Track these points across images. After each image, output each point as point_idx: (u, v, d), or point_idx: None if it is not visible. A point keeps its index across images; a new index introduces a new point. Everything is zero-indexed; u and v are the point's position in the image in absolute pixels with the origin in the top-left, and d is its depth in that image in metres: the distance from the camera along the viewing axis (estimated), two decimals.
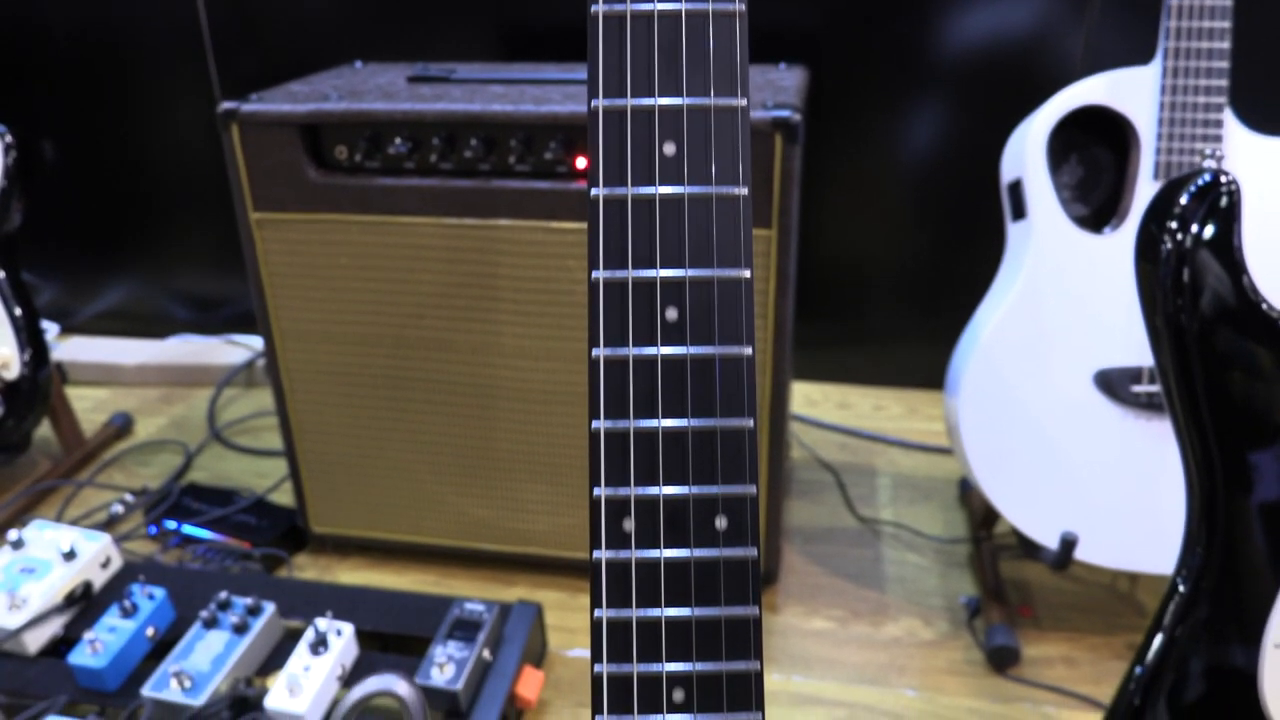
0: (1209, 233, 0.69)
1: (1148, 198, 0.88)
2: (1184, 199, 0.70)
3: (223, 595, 1.12)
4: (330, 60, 1.44)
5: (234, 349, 1.92)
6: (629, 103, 0.39)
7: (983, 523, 1.35)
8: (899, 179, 1.63)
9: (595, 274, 0.40)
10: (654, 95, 0.39)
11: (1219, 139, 1.05)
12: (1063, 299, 1.11)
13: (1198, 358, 0.69)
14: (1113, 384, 1.10)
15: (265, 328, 1.23)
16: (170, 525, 1.41)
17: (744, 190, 0.39)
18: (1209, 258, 0.69)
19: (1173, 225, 0.70)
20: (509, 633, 1.13)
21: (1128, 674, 0.75)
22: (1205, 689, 0.73)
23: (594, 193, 0.39)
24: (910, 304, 1.75)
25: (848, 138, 1.60)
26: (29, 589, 1.14)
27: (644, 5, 0.39)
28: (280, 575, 1.34)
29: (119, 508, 1.47)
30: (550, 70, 1.27)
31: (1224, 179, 0.68)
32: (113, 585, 1.20)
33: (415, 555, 1.36)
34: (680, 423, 0.40)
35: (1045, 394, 1.12)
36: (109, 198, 1.92)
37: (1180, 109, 1.06)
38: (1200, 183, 0.70)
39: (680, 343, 0.40)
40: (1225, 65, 1.04)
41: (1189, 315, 0.70)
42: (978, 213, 1.51)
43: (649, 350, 0.40)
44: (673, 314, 0.40)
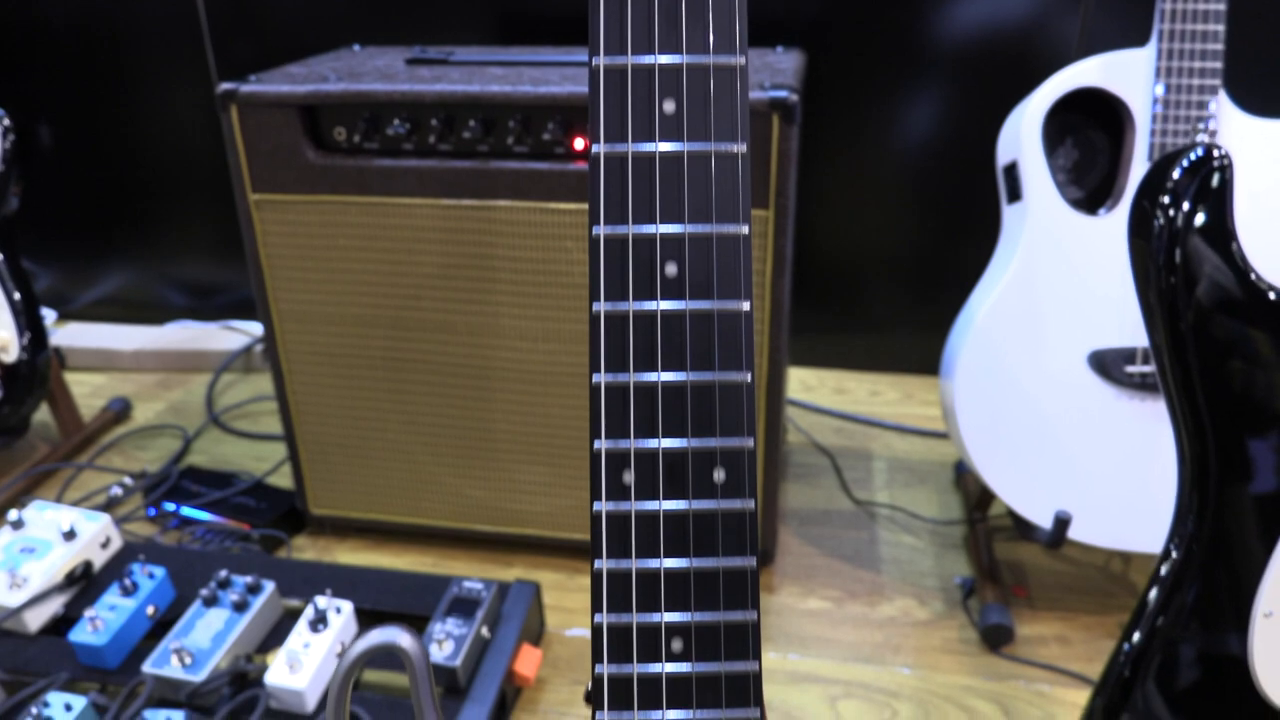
0: (1201, 207, 0.70)
1: None
2: (1176, 174, 0.71)
3: (223, 574, 1.13)
4: (328, 46, 1.44)
5: (231, 335, 1.93)
6: (629, 61, 0.40)
7: (978, 505, 1.36)
8: (895, 165, 1.64)
9: (596, 230, 0.40)
10: (654, 53, 0.39)
11: (1213, 121, 1.06)
12: (1057, 280, 1.12)
13: (1190, 333, 0.70)
14: (1106, 365, 1.11)
15: (264, 309, 1.24)
16: (169, 507, 1.42)
17: (742, 147, 0.40)
18: (1201, 232, 0.69)
19: (1165, 201, 0.71)
20: (507, 611, 1.14)
21: (1118, 645, 0.76)
22: (1195, 659, 0.74)
23: (595, 149, 0.40)
24: (906, 290, 1.76)
25: (844, 123, 1.60)
26: (29, 568, 1.14)
27: None
28: (279, 556, 1.34)
29: (118, 490, 1.48)
30: (548, 53, 1.27)
31: (1216, 153, 0.69)
32: (113, 565, 1.21)
33: (414, 537, 1.37)
34: (679, 376, 0.41)
35: (1039, 375, 1.13)
36: (106, 184, 1.92)
37: (1175, 91, 1.07)
38: (1192, 157, 0.70)
39: (679, 297, 0.40)
40: (1219, 47, 1.05)
41: (1182, 291, 0.70)
42: (974, 199, 1.52)
43: (649, 305, 0.40)
44: (672, 269, 0.40)
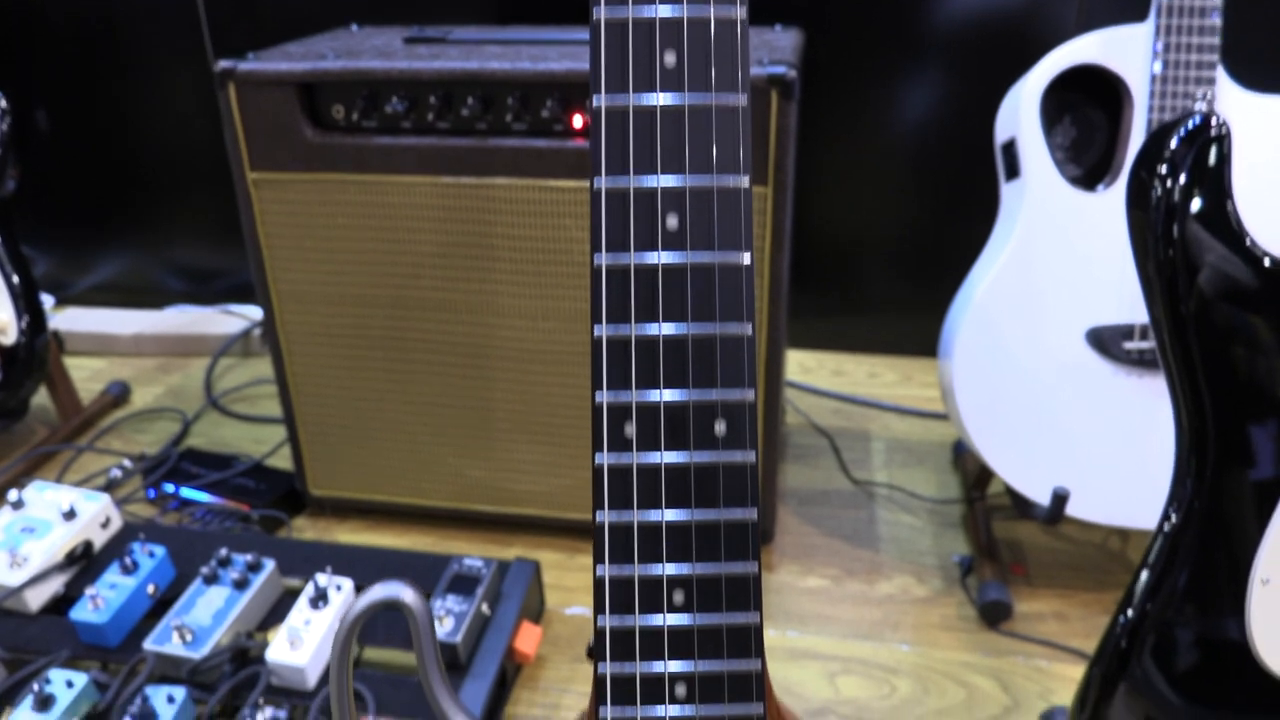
0: (1199, 176, 0.70)
1: None
2: (1174, 143, 0.71)
3: (223, 552, 1.13)
4: (325, 26, 1.44)
5: (230, 319, 1.93)
6: (630, 13, 0.40)
7: (976, 484, 1.36)
8: (894, 146, 1.64)
9: (597, 182, 0.40)
10: (654, 4, 0.40)
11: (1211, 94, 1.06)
12: (1056, 257, 1.12)
13: (1189, 302, 0.70)
14: (1105, 341, 1.12)
15: (263, 290, 1.24)
16: (169, 489, 1.42)
17: (743, 100, 0.40)
18: (1199, 201, 0.69)
19: (1163, 170, 0.71)
20: (507, 588, 1.14)
21: (1115, 615, 0.76)
22: (1192, 627, 0.74)
23: (596, 102, 0.40)
24: (904, 273, 1.76)
25: (842, 103, 1.60)
26: (29, 547, 1.14)
27: None
28: (280, 536, 1.34)
29: (117, 472, 1.48)
30: (547, 32, 1.27)
31: (1214, 120, 0.69)
32: (113, 545, 1.21)
33: (414, 517, 1.37)
34: (680, 328, 0.41)
35: (1038, 352, 1.13)
36: (103, 169, 1.92)
37: (1173, 66, 1.07)
38: (1190, 126, 0.70)
39: (681, 249, 0.41)
40: (1218, 22, 1.04)
41: (1180, 260, 0.70)
42: (973, 181, 1.52)
43: (650, 257, 0.41)
44: (673, 222, 0.40)
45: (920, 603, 1.23)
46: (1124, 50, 1.09)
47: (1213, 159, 0.70)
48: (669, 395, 0.41)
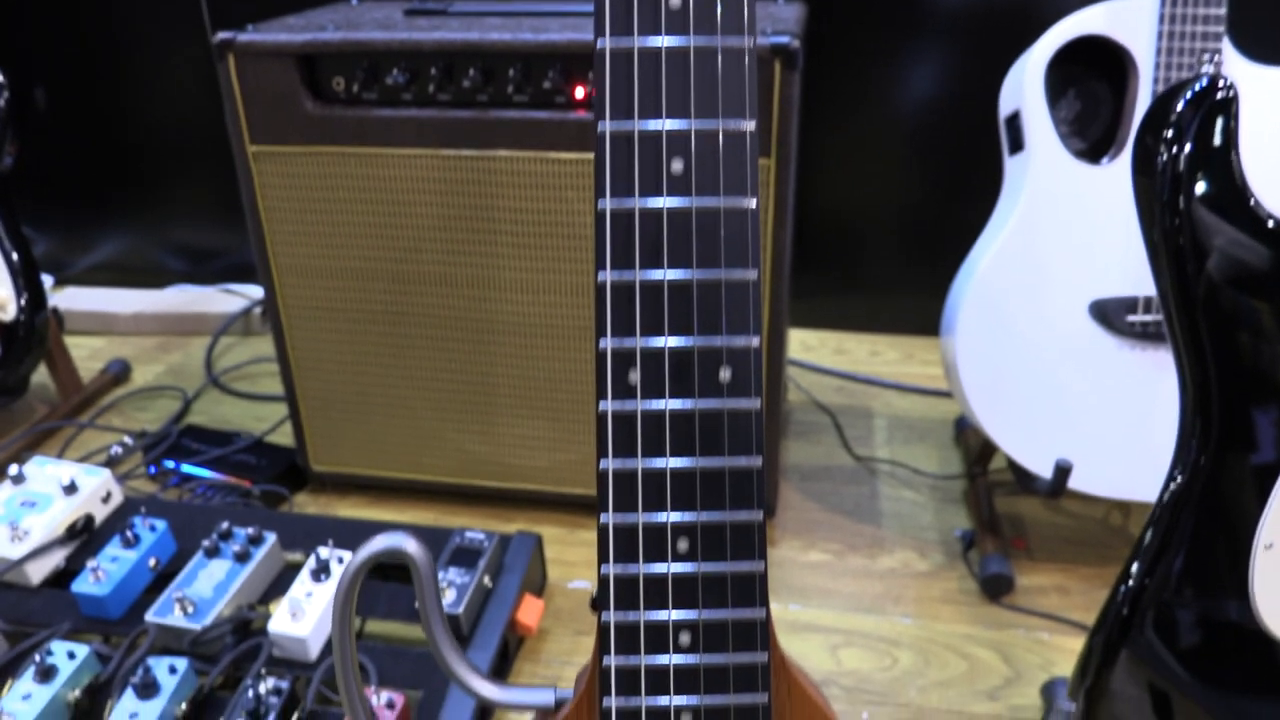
0: (1206, 141, 0.69)
1: None
2: (1180, 106, 0.70)
3: (224, 525, 1.13)
4: (324, 2, 1.43)
5: (230, 298, 1.92)
6: None
7: (978, 459, 1.36)
8: (896, 124, 1.63)
9: (602, 126, 0.40)
10: None
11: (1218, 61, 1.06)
12: (1059, 230, 1.12)
13: (1195, 266, 0.70)
14: (1108, 314, 1.11)
15: (263, 264, 1.23)
16: (169, 465, 1.42)
17: (749, 42, 0.40)
18: (1205, 165, 0.69)
19: (1169, 135, 0.70)
20: (509, 561, 1.14)
21: (1118, 582, 0.76)
22: (1195, 593, 0.74)
23: (600, 44, 0.40)
24: (906, 252, 1.76)
25: (844, 79, 1.59)
26: (30, 521, 1.14)
27: None
28: (281, 511, 1.34)
29: (118, 449, 1.48)
30: (548, 4, 1.26)
31: (1221, 82, 0.68)
32: (114, 519, 1.21)
33: (415, 493, 1.37)
34: (685, 274, 0.40)
35: (1041, 325, 1.13)
36: (103, 148, 1.91)
37: (1178, 38, 1.06)
38: (1196, 89, 0.70)
39: (685, 194, 0.40)
40: None
41: (1186, 224, 0.70)
42: (976, 158, 1.51)
43: (655, 201, 0.40)
44: (678, 166, 0.40)
45: (922, 577, 1.23)
46: (1130, 21, 1.09)
47: (1220, 123, 0.69)
48: (673, 341, 0.41)
